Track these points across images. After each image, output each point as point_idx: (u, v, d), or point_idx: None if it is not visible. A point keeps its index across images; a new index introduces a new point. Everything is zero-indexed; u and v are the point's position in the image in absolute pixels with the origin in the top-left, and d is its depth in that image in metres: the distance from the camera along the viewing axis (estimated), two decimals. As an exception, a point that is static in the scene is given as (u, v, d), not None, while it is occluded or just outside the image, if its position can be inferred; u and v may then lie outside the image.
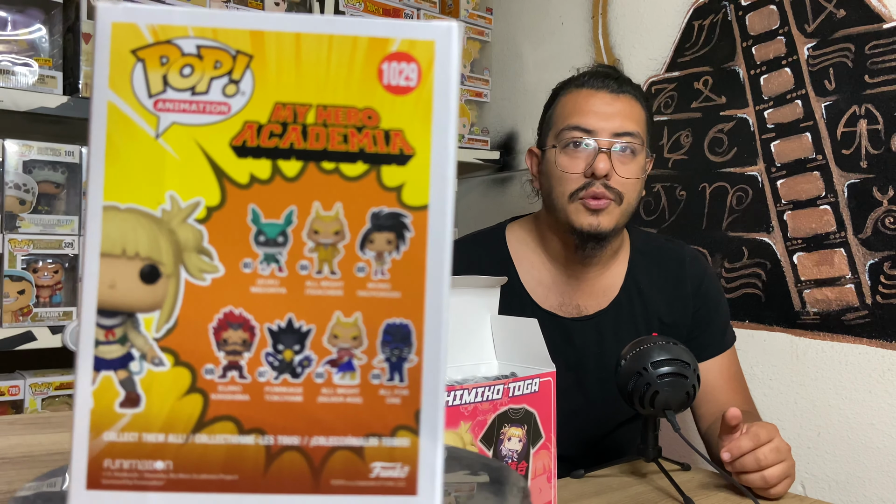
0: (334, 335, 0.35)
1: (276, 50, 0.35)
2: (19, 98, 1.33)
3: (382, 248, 0.35)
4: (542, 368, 0.72)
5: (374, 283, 0.35)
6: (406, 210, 0.35)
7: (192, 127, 0.35)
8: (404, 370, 0.35)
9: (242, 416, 0.35)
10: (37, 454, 0.75)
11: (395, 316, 0.35)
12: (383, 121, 0.35)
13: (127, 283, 0.35)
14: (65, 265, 1.40)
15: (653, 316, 1.24)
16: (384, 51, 0.35)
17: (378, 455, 0.34)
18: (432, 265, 0.35)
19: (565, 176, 1.15)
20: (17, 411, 1.36)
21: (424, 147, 0.35)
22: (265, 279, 0.35)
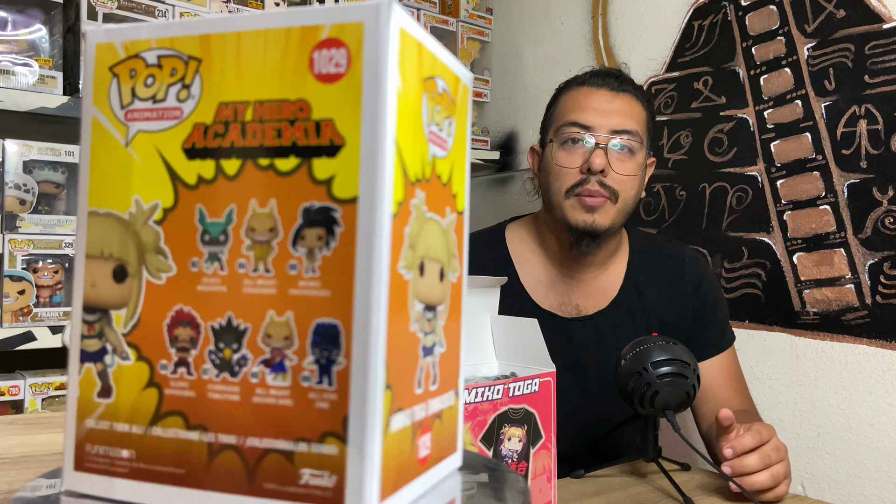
0: (268, 334, 0.34)
1: (220, 51, 0.36)
2: (19, 98, 1.33)
3: (313, 244, 0.33)
4: (542, 368, 0.72)
5: (304, 280, 0.33)
6: (336, 203, 0.33)
7: (152, 133, 0.37)
8: (333, 373, 0.33)
9: (189, 412, 0.35)
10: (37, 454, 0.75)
11: (324, 315, 0.33)
12: (314, 111, 0.34)
13: (103, 281, 0.37)
14: (65, 265, 1.40)
15: (652, 316, 1.24)
16: (315, 38, 0.34)
17: (307, 461, 0.33)
18: (361, 261, 0.32)
19: (562, 171, 1.16)
20: (17, 411, 1.36)
21: (354, 136, 0.33)
22: (209, 278, 0.35)
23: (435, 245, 0.38)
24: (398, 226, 0.34)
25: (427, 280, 0.37)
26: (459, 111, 0.42)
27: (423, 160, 0.37)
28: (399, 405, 0.34)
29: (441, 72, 0.39)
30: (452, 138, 0.40)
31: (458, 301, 0.42)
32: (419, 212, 0.36)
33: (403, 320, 0.35)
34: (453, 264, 0.41)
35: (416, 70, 0.35)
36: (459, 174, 0.42)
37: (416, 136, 0.36)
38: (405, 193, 0.35)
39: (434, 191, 0.38)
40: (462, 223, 0.43)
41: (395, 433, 0.34)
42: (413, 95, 0.35)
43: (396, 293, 0.34)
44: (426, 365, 0.38)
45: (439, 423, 0.40)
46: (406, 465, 0.35)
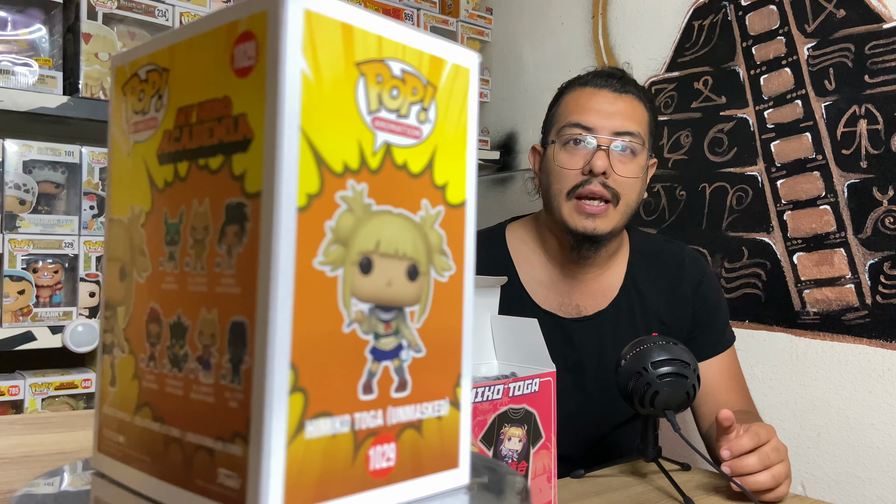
0: (200, 332, 0.34)
1: (180, 59, 0.37)
2: (19, 98, 1.33)
3: (231, 241, 0.33)
4: (542, 368, 0.72)
5: (225, 278, 0.33)
6: (246, 199, 0.32)
7: (140, 143, 0.39)
8: (241, 372, 0.32)
9: (154, 404, 0.37)
10: (37, 454, 0.75)
11: (236, 313, 0.33)
12: (234, 107, 0.34)
13: (113, 281, 0.41)
14: (65, 265, 1.40)
15: (652, 316, 1.24)
16: (236, 34, 0.34)
17: (222, 460, 0.33)
18: (264, 257, 0.31)
19: (563, 172, 1.16)
20: (17, 411, 1.36)
21: (261, 129, 0.32)
22: (168, 276, 0.37)
23: (393, 240, 0.36)
24: (312, 220, 0.33)
25: (378, 278, 0.36)
26: (451, 95, 0.39)
27: (362, 149, 0.35)
28: (322, 409, 0.33)
29: (398, 54, 0.37)
30: (432, 125, 0.38)
31: (452, 301, 0.39)
32: (354, 205, 0.35)
33: (330, 320, 0.33)
34: (440, 262, 0.39)
35: (340, 55, 0.34)
36: (452, 163, 0.39)
37: (346, 125, 0.34)
38: (323, 186, 0.33)
39: (391, 182, 0.36)
40: (459, 217, 0.40)
41: (317, 439, 0.33)
42: (335, 82, 0.34)
43: (314, 291, 0.33)
44: (381, 369, 0.36)
45: (415, 434, 0.37)
46: (342, 476, 0.34)
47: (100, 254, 1.42)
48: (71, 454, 0.76)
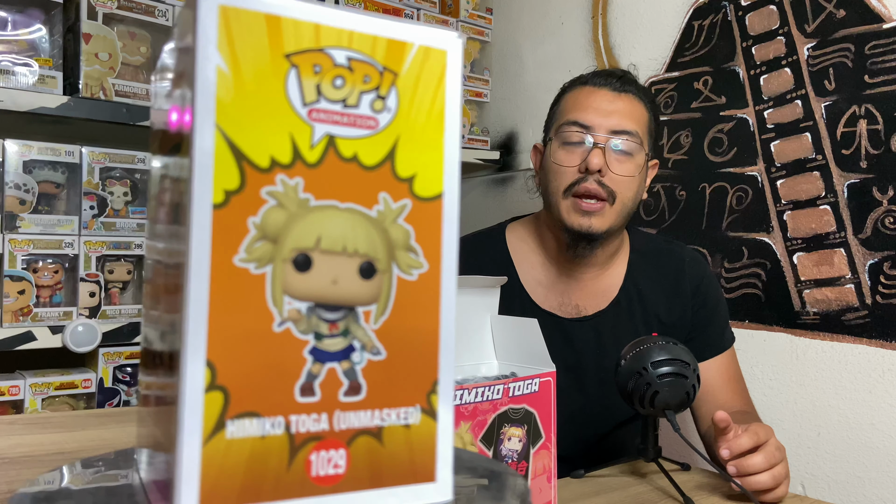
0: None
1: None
2: (19, 98, 1.33)
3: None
4: (542, 368, 0.72)
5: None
6: (181, 197, 0.35)
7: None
8: (175, 369, 0.36)
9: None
10: (37, 454, 0.75)
11: (176, 312, 0.35)
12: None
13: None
14: (65, 265, 1.40)
15: (652, 316, 1.24)
16: (170, 35, 0.37)
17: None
18: (184, 255, 0.33)
19: (560, 170, 1.16)
20: (17, 411, 1.36)
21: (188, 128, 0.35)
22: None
23: (339, 237, 0.35)
24: (232, 216, 0.32)
25: (322, 276, 0.34)
26: (419, 80, 0.37)
27: (296, 143, 0.34)
28: (248, 409, 0.32)
29: (343, 42, 0.35)
30: (392, 114, 0.36)
31: (424, 301, 0.37)
32: (286, 200, 0.34)
33: (255, 318, 0.33)
34: (405, 259, 0.36)
35: (264, 47, 0.33)
36: (421, 154, 0.37)
37: (274, 119, 0.33)
38: (244, 181, 0.32)
39: (336, 176, 0.35)
40: (433, 211, 0.37)
41: (241, 440, 0.32)
42: (259, 75, 0.33)
43: (235, 289, 0.32)
44: (325, 371, 0.34)
45: (372, 442, 0.35)
46: (275, 480, 0.33)
47: (100, 254, 1.42)
48: (71, 454, 0.76)
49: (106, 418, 0.95)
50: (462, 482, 0.43)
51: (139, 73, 1.49)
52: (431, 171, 0.37)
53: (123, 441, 0.81)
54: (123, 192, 1.46)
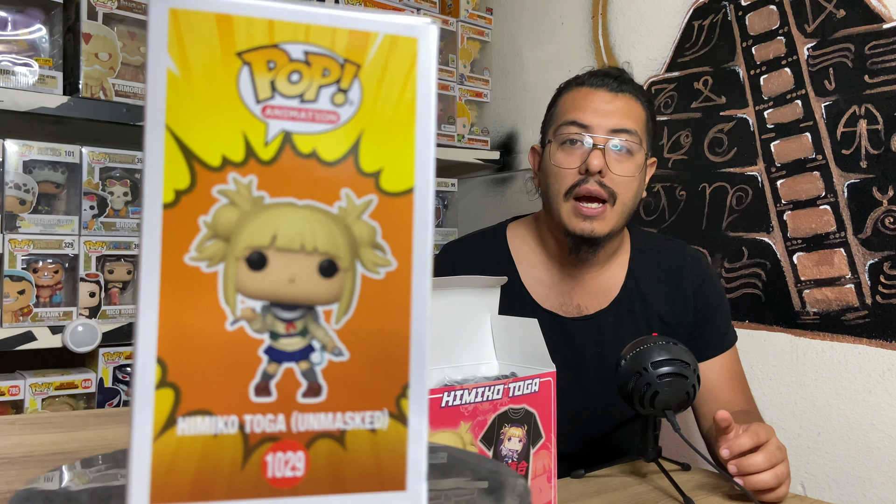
0: None
1: None
2: (19, 98, 1.33)
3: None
4: (542, 368, 0.72)
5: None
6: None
7: None
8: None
9: None
10: (37, 454, 0.75)
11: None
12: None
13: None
14: (65, 265, 1.40)
15: (653, 316, 1.24)
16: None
17: None
18: (138, 255, 0.35)
19: (560, 172, 1.16)
20: (17, 411, 1.36)
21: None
22: None
23: (297, 234, 0.34)
24: (182, 215, 0.32)
25: (278, 274, 0.34)
26: (386, 70, 0.36)
27: (248, 141, 0.34)
28: (199, 407, 0.32)
29: (299, 36, 0.35)
30: (355, 107, 0.35)
31: (393, 301, 0.35)
32: (238, 198, 0.34)
33: (207, 317, 0.33)
34: (371, 257, 0.35)
35: (215, 47, 0.33)
36: (389, 147, 0.36)
37: (225, 117, 0.33)
38: (195, 180, 0.33)
39: (293, 172, 0.35)
40: (403, 206, 0.36)
41: (192, 437, 0.32)
42: (209, 75, 0.33)
43: (186, 287, 0.32)
44: (282, 371, 0.34)
45: (333, 446, 0.34)
46: (228, 479, 0.33)
47: (100, 254, 1.42)
48: (71, 454, 0.76)
49: (106, 418, 0.95)
50: (462, 483, 0.43)
51: (139, 73, 1.49)
52: (401, 165, 0.36)
53: (123, 441, 0.81)
54: (123, 192, 1.46)
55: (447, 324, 0.75)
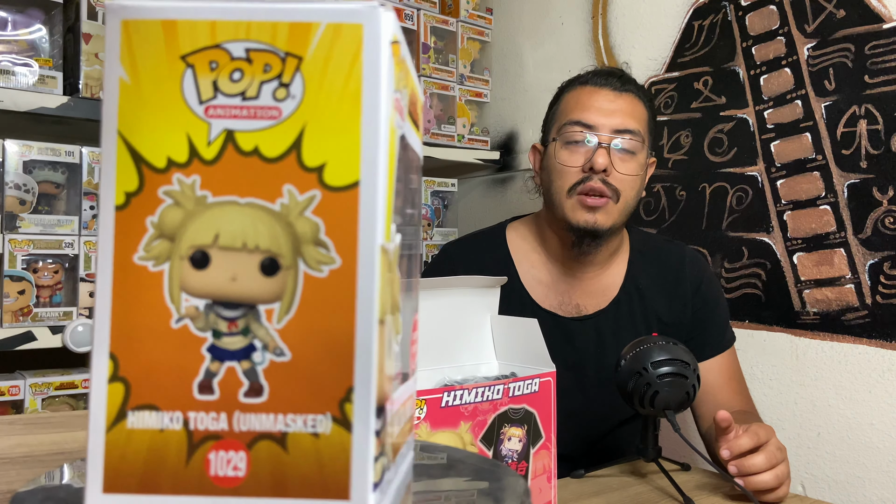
0: None
1: None
2: (19, 98, 1.33)
3: None
4: (542, 368, 0.72)
5: None
6: None
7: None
8: None
9: None
10: (37, 454, 0.75)
11: None
12: None
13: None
14: (65, 265, 1.40)
15: (652, 316, 1.24)
16: None
17: None
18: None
19: (564, 170, 1.16)
20: (17, 411, 1.36)
21: None
22: None
23: (239, 232, 0.34)
24: (132, 216, 0.34)
25: (218, 273, 0.34)
26: (329, 60, 0.35)
27: (192, 142, 0.34)
28: (147, 402, 0.33)
29: (240, 34, 0.35)
30: (297, 100, 0.35)
31: (336, 300, 0.34)
32: (182, 198, 0.34)
33: (154, 314, 0.34)
34: (313, 254, 0.34)
35: (161, 53, 0.34)
36: (333, 139, 0.34)
37: (170, 120, 0.34)
38: (143, 183, 0.34)
39: (236, 171, 0.35)
40: (347, 201, 0.35)
41: (141, 430, 0.33)
42: (156, 81, 0.34)
43: (135, 285, 0.34)
44: (224, 370, 0.34)
45: (275, 448, 0.34)
46: (173, 474, 0.33)
47: (100, 254, 1.42)
48: (71, 454, 0.76)
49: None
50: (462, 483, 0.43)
51: (139, 73, 1.49)
52: (345, 158, 0.34)
53: (123, 441, 0.80)
54: (123, 192, 1.46)
55: (447, 324, 0.75)
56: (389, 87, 0.35)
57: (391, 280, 0.36)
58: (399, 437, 0.40)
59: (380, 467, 0.34)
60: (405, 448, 0.42)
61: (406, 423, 0.43)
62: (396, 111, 0.36)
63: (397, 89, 0.36)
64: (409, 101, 0.40)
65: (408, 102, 0.39)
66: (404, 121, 0.38)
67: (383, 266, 0.34)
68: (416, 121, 0.42)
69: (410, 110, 0.40)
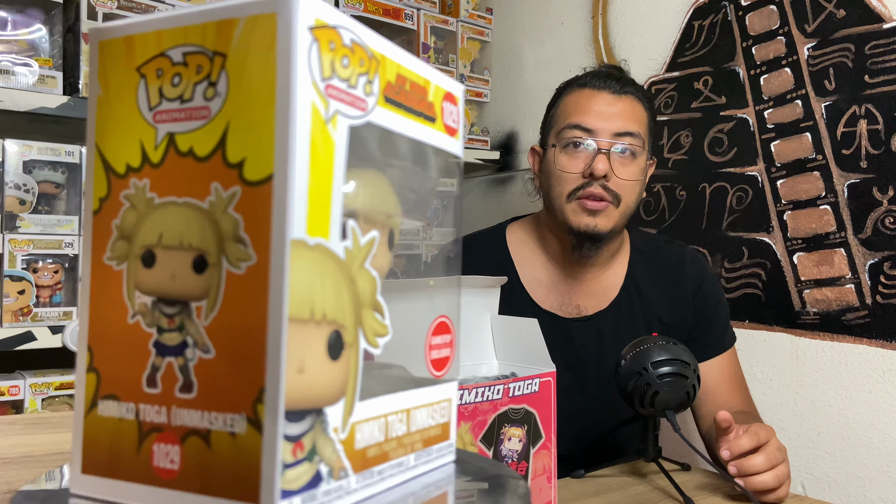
0: None
1: None
2: (19, 98, 1.33)
3: None
4: (542, 368, 0.72)
5: None
6: None
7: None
8: None
9: None
10: (37, 454, 0.75)
11: None
12: None
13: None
14: (65, 265, 1.40)
15: (653, 316, 1.24)
16: None
17: None
18: None
19: (564, 175, 1.16)
20: (17, 411, 1.36)
21: None
22: None
23: (177, 232, 0.34)
24: (103, 220, 0.36)
25: (161, 271, 0.35)
26: (248, 54, 0.34)
27: (143, 147, 0.35)
28: (111, 392, 0.36)
29: (178, 39, 0.35)
30: (222, 98, 0.34)
31: (251, 297, 0.33)
32: (136, 201, 0.35)
33: (117, 310, 0.36)
34: (233, 250, 0.33)
35: (122, 66, 0.37)
36: (251, 133, 0.33)
37: (129, 128, 0.36)
38: (109, 189, 0.36)
39: (175, 172, 0.35)
40: (261, 196, 0.33)
41: (106, 418, 0.36)
42: (119, 93, 0.37)
43: (104, 284, 0.36)
44: (165, 365, 0.34)
45: (201, 445, 0.33)
46: (128, 461, 0.35)
47: (100, 254, 1.42)
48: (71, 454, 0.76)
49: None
50: (462, 483, 0.43)
51: (139, 73, 1.49)
52: (262, 152, 0.33)
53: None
54: (123, 192, 1.46)
55: (447, 324, 0.75)
56: (308, 75, 0.33)
57: (339, 274, 0.34)
58: (382, 447, 0.38)
59: (301, 474, 0.33)
60: (403, 461, 0.40)
61: (415, 434, 0.41)
62: (331, 99, 0.34)
63: (327, 77, 0.34)
64: (390, 88, 0.38)
65: (382, 88, 0.37)
66: (365, 109, 0.36)
67: (306, 261, 0.33)
68: (416, 108, 0.41)
69: (394, 97, 0.38)
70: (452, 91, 0.46)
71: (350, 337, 0.35)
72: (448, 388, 0.45)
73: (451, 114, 0.47)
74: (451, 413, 0.46)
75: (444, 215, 0.53)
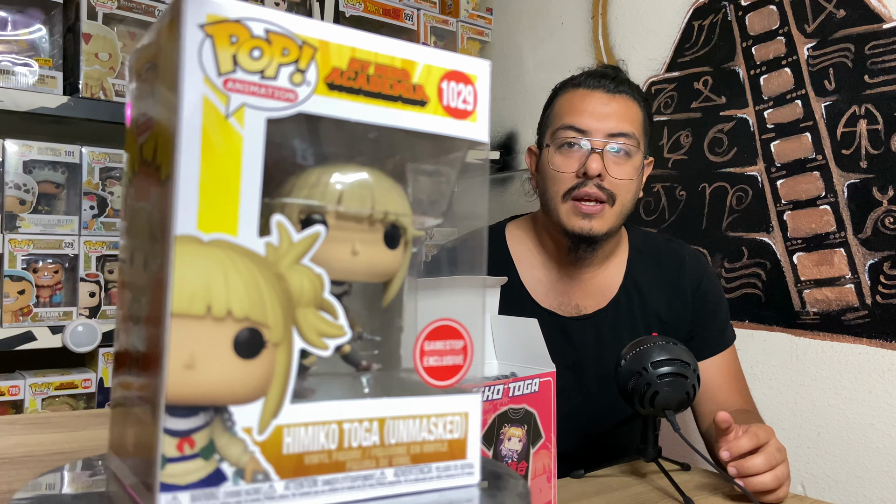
0: None
1: None
2: (19, 98, 1.33)
3: None
4: (542, 368, 0.72)
5: None
6: None
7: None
8: None
9: None
10: (37, 454, 0.75)
11: None
12: None
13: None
14: (65, 265, 1.40)
15: (652, 315, 1.24)
16: None
17: None
18: None
19: (558, 175, 1.16)
20: (17, 411, 1.36)
21: None
22: None
23: (141, 233, 0.36)
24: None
25: (134, 269, 0.38)
26: (167, 62, 0.34)
27: (135, 156, 0.38)
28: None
29: (140, 54, 0.39)
30: (157, 107, 0.34)
31: (160, 294, 0.33)
32: (129, 205, 0.38)
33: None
34: (152, 249, 0.34)
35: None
36: (164, 136, 0.33)
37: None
38: (126, 192, 0.40)
39: (144, 177, 0.36)
40: (168, 195, 0.32)
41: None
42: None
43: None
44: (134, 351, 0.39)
45: (142, 424, 0.37)
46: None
47: (100, 254, 1.42)
48: (71, 454, 0.76)
49: (106, 418, 0.95)
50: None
51: (139, 73, 1.49)
52: (167, 151, 0.33)
53: (123, 441, 0.80)
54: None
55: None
56: (198, 71, 0.32)
57: (256, 271, 0.33)
58: (332, 455, 0.35)
59: (192, 471, 0.32)
60: (372, 474, 0.37)
61: (396, 447, 0.37)
62: (233, 93, 0.33)
63: (227, 71, 0.33)
64: (336, 74, 0.36)
65: (323, 76, 0.35)
66: (293, 100, 0.35)
67: (199, 256, 0.32)
68: (386, 93, 0.38)
69: (345, 83, 0.36)
70: (462, 69, 0.42)
71: (275, 336, 0.34)
72: (461, 400, 0.40)
73: (460, 94, 0.44)
74: (465, 429, 0.40)
75: (463, 201, 0.49)
